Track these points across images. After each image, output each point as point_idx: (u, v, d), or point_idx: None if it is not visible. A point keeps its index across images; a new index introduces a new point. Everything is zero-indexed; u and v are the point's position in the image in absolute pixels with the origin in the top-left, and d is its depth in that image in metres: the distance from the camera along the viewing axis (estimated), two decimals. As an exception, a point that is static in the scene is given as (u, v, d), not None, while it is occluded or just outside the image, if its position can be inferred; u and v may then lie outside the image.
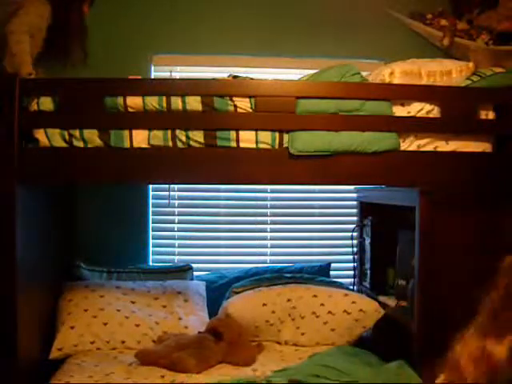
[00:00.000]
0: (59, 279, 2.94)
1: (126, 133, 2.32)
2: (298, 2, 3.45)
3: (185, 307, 2.92)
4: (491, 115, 2.52)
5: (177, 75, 3.42)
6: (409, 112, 2.46)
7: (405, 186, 2.52)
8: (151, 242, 3.43)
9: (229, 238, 3.51)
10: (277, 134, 2.37)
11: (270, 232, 3.55)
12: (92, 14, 2.83)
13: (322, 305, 2.85)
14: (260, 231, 3.54)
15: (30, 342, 2.45)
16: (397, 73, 2.47)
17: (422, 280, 2.42)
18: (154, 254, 3.44)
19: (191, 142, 2.34)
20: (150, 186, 3.42)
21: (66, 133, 2.31)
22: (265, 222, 3.55)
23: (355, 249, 3.36)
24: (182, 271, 3.21)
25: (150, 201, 3.44)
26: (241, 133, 2.35)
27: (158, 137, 2.33)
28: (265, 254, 3.53)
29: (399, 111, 2.45)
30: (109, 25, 3.21)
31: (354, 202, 3.47)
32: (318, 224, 3.58)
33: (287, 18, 3.42)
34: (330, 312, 2.84)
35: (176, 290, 3.01)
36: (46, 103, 2.32)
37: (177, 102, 2.33)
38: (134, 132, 2.33)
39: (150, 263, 3.40)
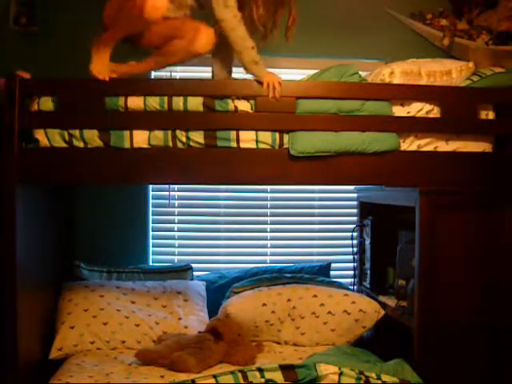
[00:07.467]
0: (59, 279, 2.94)
1: (127, 133, 2.32)
2: (297, 2, 3.44)
3: (185, 307, 2.92)
4: (491, 115, 2.52)
5: (177, 75, 3.42)
6: (409, 112, 2.46)
7: (405, 185, 2.52)
8: (151, 242, 3.43)
9: (229, 238, 3.51)
10: (277, 135, 2.37)
11: (270, 232, 3.55)
12: (92, 14, 2.83)
13: (322, 305, 2.85)
14: (260, 231, 3.54)
15: (29, 342, 2.45)
16: (397, 73, 2.47)
17: (422, 280, 2.42)
18: (154, 254, 3.44)
19: (191, 143, 2.35)
20: (150, 186, 3.42)
21: (65, 133, 2.31)
22: (265, 222, 3.55)
23: (355, 249, 3.36)
24: (182, 271, 3.21)
25: (150, 201, 3.44)
26: (241, 133, 2.36)
27: (159, 137, 2.33)
28: (265, 254, 3.53)
29: (399, 111, 2.46)
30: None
31: (354, 202, 3.46)
32: (317, 224, 3.58)
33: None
34: (329, 312, 2.83)
35: (176, 290, 3.01)
36: (46, 103, 2.32)
37: (178, 103, 2.33)
38: (135, 132, 2.33)
39: (150, 263, 3.40)
